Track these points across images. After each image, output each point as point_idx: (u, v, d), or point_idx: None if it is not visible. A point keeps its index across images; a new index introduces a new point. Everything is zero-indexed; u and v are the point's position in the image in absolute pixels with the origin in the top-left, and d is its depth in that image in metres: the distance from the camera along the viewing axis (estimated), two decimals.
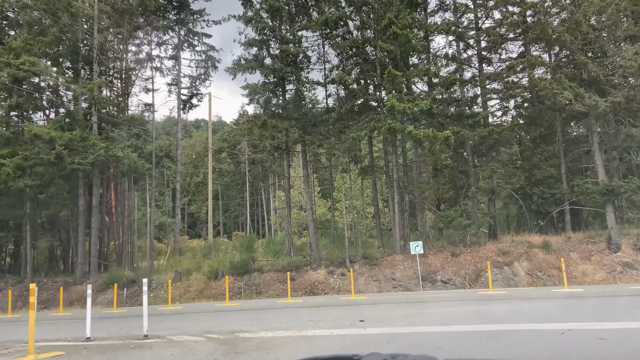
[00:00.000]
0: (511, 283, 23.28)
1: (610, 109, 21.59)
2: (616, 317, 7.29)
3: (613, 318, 7.10)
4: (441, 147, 24.03)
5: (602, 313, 7.88)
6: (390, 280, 23.71)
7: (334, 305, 12.87)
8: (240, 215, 63.80)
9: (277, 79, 24.44)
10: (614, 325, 6.50)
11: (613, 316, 7.33)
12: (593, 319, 7.07)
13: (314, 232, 25.27)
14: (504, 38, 25.36)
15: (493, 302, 11.71)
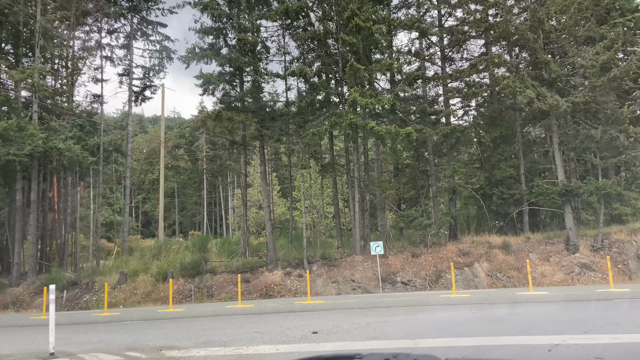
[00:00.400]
0: (471, 284, 22.72)
1: (571, 109, 21.32)
2: (601, 327, 6.34)
3: (598, 329, 6.15)
4: (403, 144, 23.22)
5: (584, 322, 6.96)
6: (349, 282, 22.70)
7: (287, 312, 11.65)
8: (197, 214, 61.59)
9: (233, 69, 22.98)
10: (604, 339, 5.57)
11: (597, 326, 6.39)
12: (577, 329, 6.13)
13: (271, 231, 23.97)
14: (467, 35, 24.84)
15: (459, 307, 10.80)
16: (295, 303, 14.25)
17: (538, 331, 6.34)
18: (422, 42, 27.58)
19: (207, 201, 57.72)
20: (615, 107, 21.40)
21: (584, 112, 22.58)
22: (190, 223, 62.83)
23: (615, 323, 6.84)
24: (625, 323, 6.88)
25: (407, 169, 31.15)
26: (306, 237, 26.68)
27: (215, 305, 17.71)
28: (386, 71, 22.84)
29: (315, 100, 23.49)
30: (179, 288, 24.36)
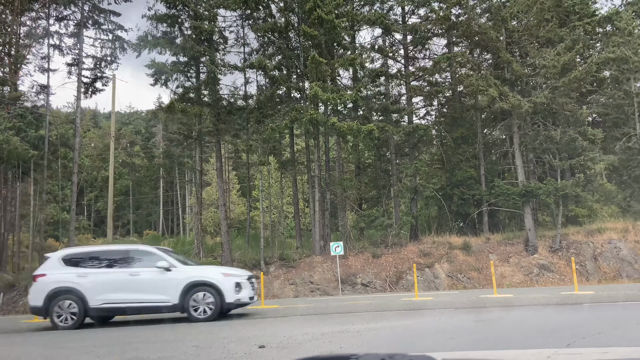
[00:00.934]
0: (432, 285, 22.15)
1: (532, 110, 21.08)
2: (583, 338, 5.55)
3: (581, 340, 5.35)
4: (365, 142, 22.47)
5: (562, 332, 6.18)
6: (307, 284, 21.69)
7: (236, 319, 10.50)
8: (153, 213, 59.18)
9: (188, 58, 21.56)
10: (593, 354, 4.74)
11: (578, 337, 5.59)
12: (558, 342, 5.35)
13: (227, 230, 22.69)
14: (431, 33, 24.33)
15: (422, 313, 9.98)
16: (248, 308, 13.13)
17: (515, 344, 5.49)
18: (385, 40, 26.95)
19: (163, 200, 55.49)
20: (575, 108, 21.30)
21: (545, 113, 22.43)
22: (145, 222, 60.32)
23: (597, 333, 6.08)
24: (608, 333, 6.14)
25: (368, 169, 30.47)
26: (264, 237, 25.49)
27: None
28: (349, 66, 22.00)
29: (275, 95, 22.38)
30: None
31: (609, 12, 24.99)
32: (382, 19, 22.67)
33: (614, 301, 10.12)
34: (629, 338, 6.01)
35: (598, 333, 6.21)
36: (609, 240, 22.08)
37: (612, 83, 23.44)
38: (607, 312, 8.84)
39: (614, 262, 21.32)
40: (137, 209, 59.23)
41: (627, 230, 22.35)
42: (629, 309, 9.32)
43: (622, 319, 7.74)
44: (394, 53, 25.52)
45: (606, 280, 20.60)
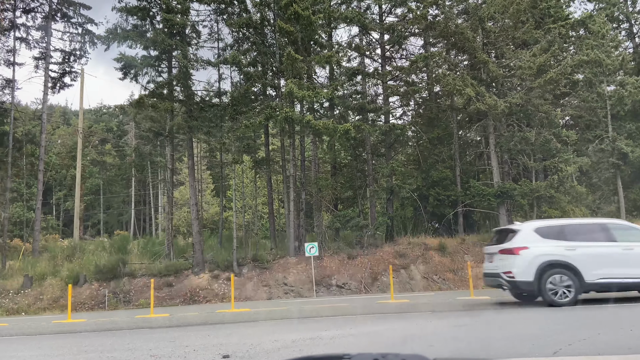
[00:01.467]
0: (407, 287, 21.83)
1: (508, 111, 21.00)
2: (569, 345, 5.18)
3: (567, 348, 4.98)
4: (341, 141, 22.00)
5: (545, 338, 5.80)
6: (281, 285, 21.10)
7: (202, 324, 9.88)
8: (124, 213, 57.56)
9: (159, 52, 20.73)
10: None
11: (564, 343, 5.22)
12: (544, 349, 4.95)
13: (198, 231, 21.92)
14: (408, 32, 24.07)
15: (399, 316, 9.53)
16: (217, 312, 12.49)
17: (500, 352, 5.06)
18: (362, 39, 26.60)
19: (135, 199, 54.01)
20: (550, 110, 21.30)
21: (520, 114, 22.41)
22: (117, 222, 58.64)
23: (583, 339, 5.71)
24: (593, 339, 5.78)
25: (344, 169, 30.06)
26: (238, 238, 24.79)
27: (127, 313, 15.52)
28: (325, 64, 21.51)
29: (250, 92, 21.73)
30: (92, 293, 21.74)
31: (582, 16, 25.18)
32: (359, 16, 22.29)
33: (591, 303, 9.87)
34: (614, 344, 5.67)
35: (584, 339, 5.85)
36: None
37: (586, 86, 23.59)
38: (588, 315, 8.56)
39: None
40: (108, 208, 57.56)
41: None
42: (607, 311, 9.07)
43: (604, 323, 7.44)
44: (371, 52, 25.18)
45: None
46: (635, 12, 28.70)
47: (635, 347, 5.37)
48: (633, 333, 6.34)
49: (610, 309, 9.08)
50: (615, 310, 9.04)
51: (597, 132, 23.95)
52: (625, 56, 24.48)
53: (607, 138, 22.56)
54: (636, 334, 6.32)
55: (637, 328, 6.77)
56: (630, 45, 28.95)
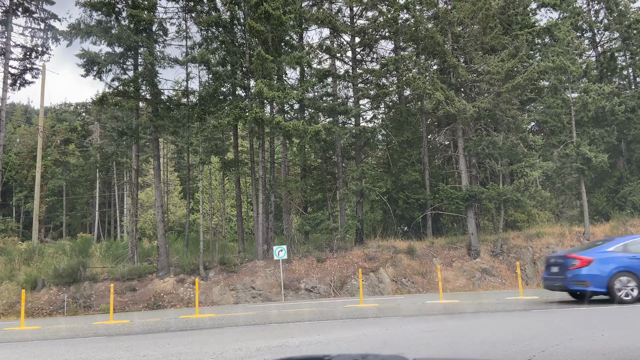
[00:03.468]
0: (376, 290, 21.67)
1: (476, 115, 21.13)
2: (553, 350, 4.99)
3: (548, 354, 4.78)
4: (311, 143, 21.68)
5: (520, 344, 5.60)
6: (249, 289, 20.59)
7: (164, 331, 9.35)
8: (88, 215, 55.64)
9: (124, 48, 19.96)
10: None
11: (537, 350, 5.03)
12: (520, 355, 4.70)
13: (164, 233, 21.18)
14: (379, 35, 24.00)
15: (369, 322, 9.24)
16: (180, 317, 11.94)
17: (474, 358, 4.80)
18: (333, 42, 26.43)
19: (100, 201, 52.27)
20: (517, 114, 21.55)
21: (488, 119, 22.59)
22: (80, 225, 56.63)
23: (555, 345, 5.54)
24: (566, 345, 5.62)
25: (314, 171, 29.80)
26: (205, 241, 24.13)
27: (85, 319, 14.73)
28: (296, 65, 21.17)
29: (219, 91, 21.16)
30: (50, 298, 20.73)
31: (547, 24, 25.70)
32: (330, 17, 22.07)
33: (561, 307, 9.83)
34: (587, 350, 5.51)
35: (557, 344, 5.67)
36: (547, 245, 22.48)
37: (551, 92, 24.01)
38: (558, 319, 8.46)
39: None
40: (71, 210, 55.52)
41: (563, 235, 22.85)
42: (578, 315, 9.02)
43: (575, 328, 7.33)
44: (342, 54, 25.00)
45: None
46: (598, 21, 29.47)
47: (609, 352, 5.22)
48: (605, 337, 6.22)
49: (583, 313, 9.05)
50: (588, 313, 9.00)
51: (561, 137, 24.37)
52: (589, 63, 25.07)
53: (571, 143, 22.98)
54: (608, 338, 6.20)
55: (608, 331, 6.67)
56: (593, 54, 29.71)
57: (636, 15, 26.81)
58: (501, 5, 21.43)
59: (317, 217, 23.99)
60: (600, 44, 30.39)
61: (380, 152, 30.17)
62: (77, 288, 20.84)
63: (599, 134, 24.64)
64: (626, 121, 26.98)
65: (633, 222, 23.21)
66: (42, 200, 51.99)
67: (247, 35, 21.83)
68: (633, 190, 25.21)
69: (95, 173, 47.81)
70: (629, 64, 28.95)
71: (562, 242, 22.54)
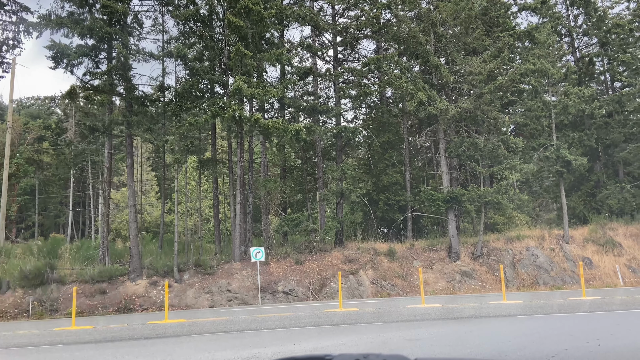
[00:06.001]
0: (356, 293, 21.09)
1: (458, 116, 20.78)
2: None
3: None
4: (291, 143, 21.03)
5: (515, 353, 5.05)
6: (225, 292, 19.79)
7: (128, 339, 8.59)
8: (62, 215, 53.89)
9: (97, 40, 19.00)
10: None
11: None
12: None
13: (136, 234, 20.25)
14: (362, 34, 23.51)
15: (348, 328, 8.63)
16: (147, 323, 11.14)
17: None
18: (315, 40, 25.85)
19: (74, 200, 50.58)
20: (498, 116, 21.27)
21: (470, 120, 22.27)
22: (53, 225, 54.83)
23: (551, 357, 4.98)
24: (562, 355, 5.06)
25: (294, 171, 29.14)
26: (180, 242, 23.26)
27: (48, 324, 13.78)
28: (276, 62, 20.48)
29: (196, 87, 20.33)
30: (15, 301, 19.62)
31: (528, 27, 25.53)
32: (311, 14, 21.48)
33: (548, 312, 9.38)
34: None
35: (552, 357, 5.14)
36: (527, 248, 22.24)
37: (531, 94, 23.84)
38: (547, 327, 7.97)
39: (531, 269, 21.44)
40: (44, 210, 53.71)
41: (543, 237, 22.65)
42: (567, 321, 8.57)
43: (569, 337, 6.83)
44: (323, 52, 24.41)
45: (524, 287, 20.60)
46: (577, 26, 29.54)
47: None
48: (602, 348, 5.73)
49: (572, 320, 8.60)
50: (580, 321, 8.55)
51: (540, 140, 24.21)
52: (570, 66, 24.99)
53: (551, 146, 22.81)
54: (604, 349, 5.72)
55: (604, 341, 6.19)
56: (572, 59, 29.77)
57: (615, 20, 26.91)
58: (484, 6, 21.15)
59: (296, 218, 23.32)
60: (579, 49, 30.49)
61: (361, 153, 29.67)
62: (43, 291, 19.79)
63: (578, 137, 24.58)
64: (604, 125, 27.05)
65: (611, 226, 23.16)
66: (13, 199, 50.10)
67: (226, 31, 21.09)
68: (611, 194, 25.21)
69: (69, 171, 46.23)
70: (606, 70, 29.07)
71: (542, 245, 22.34)
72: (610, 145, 27.28)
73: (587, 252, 21.95)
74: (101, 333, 9.82)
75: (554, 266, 21.35)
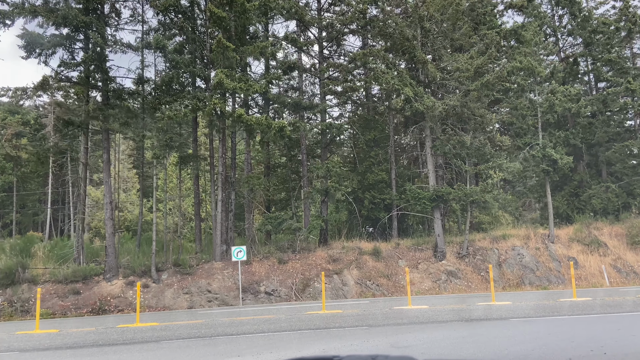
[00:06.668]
0: (340, 293, 20.47)
1: (445, 113, 20.29)
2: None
3: None
4: (275, 139, 20.31)
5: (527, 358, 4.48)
6: (205, 293, 19.00)
7: (91, 345, 7.82)
8: (40, 212, 52.33)
9: (71, 29, 18.04)
10: None
11: None
12: None
13: (113, 232, 19.34)
14: (348, 28, 22.91)
15: (331, 334, 7.99)
16: (117, 327, 10.34)
17: None
18: (300, 36, 25.16)
19: (53, 198, 49.11)
20: (485, 113, 20.83)
21: (456, 118, 21.81)
22: (32, 222, 53.28)
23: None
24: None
25: (279, 169, 28.41)
26: (158, 240, 22.38)
27: (11, 327, 12.85)
28: (260, 55, 19.76)
29: (176, 80, 19.50)
30: None
31: (514, 26, 25.19)
32: (296, 7, 20.80)
33: (541, 315, 8.86)
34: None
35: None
36: (513, 247, 21.86)
37: (518, 93, 23.49)
38: (545, 332, 7.41)
39: (517, 268, 21.06)
40: (22, 207, 52.11)
41: (528, 237, 22.30)
42: (564, 326, 8.03)
43: (571, 344, 6.27)
44: (308, 47, 23.72)
45: (510, 287, 20.20)
46: (562, 26, 29.34)
47: None
48: (608, 357, 5.17)
49: (569, 324, 8.07)
50: (578, 326, 8.02)
51: (526, 139, 23.89)
52: (556, 65, 24.72)
53: (537, 145, 22.47)
54: (611, 358, 5.15)
55: (609, 349, 5.63)
56: (557, 59, 29.56)
57: (600, 19, 26.73)
58: (471, 1, 20.70)
59: (279, 216, 22.62)
60: (564, 49, 30.32)
61: (346, 151, 29.07)
62: (14, 291, 18.80)
63: (564, 135, 24.30)
64: (588, 125, 26.86)
65: (597, 225, 22.93)
66: None
67: (209, 23, 20.27)
68: (595, 194, 25.00)
69: (48, 168, 44.80)
70: (590, 70, 28.93)
71: (528, 245, 21.98)
72: (595, 145, 27.11)
73: (573, 251, 21.65)
74: (64, 338, 9.02)
75: (540, 266, 21.00)
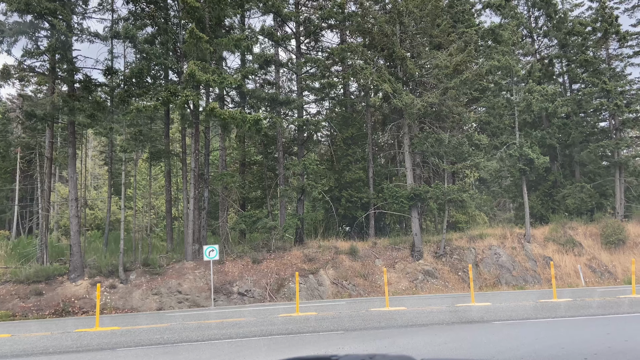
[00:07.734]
0: (315, 294, 19.85)
1: (423, 111, 19.89)
2: None
3: None
4: (250, 132, 19.57)
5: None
6: (175, 294, 18.13)
7: (40, 353, 7.03)
8: (7, 210, 50.14)
9: (35, 17, 16.95)
10: None
11: None
12: None
13: (78, 230, 18.28)
14: (326, 23, 22.31)
15: (305, 339, 7.37)
16: (74, 331, 9.49)
17: None
18: (277, 30, 24.45)
19: (20, 195, 47.11)
20: (463, 111, 20.52)
21: (434, 115, 21.45)
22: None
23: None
24: None
25: (254, 166, 27.63)
26: (128, 239, 21.40)
27: None
28: (235, 48, 18.96)
29: (146, 72, 18.56)
30: None
31: (491, 25, 25.02)
32: (273, 0, 20.09)
33: (523, 317, 8.42)
34: None
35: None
36: (490, 246, 21.62)
37: (495, 91, 23.30)
38: (532, 337, 6.93)
39: (494, 268, 20.81)
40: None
41: (505, 236, 22.10)
42: (551, 329, 7.58)
43: (562, 351, 5.80)
44: (285, 42, 23.03)
45: (487, 287, 19.92)
46: (537, 27, 29.37)
47: None
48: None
49: (555, 327, 7.63)
50: (564, 328, 7.59)
51: (502, 138, 23.73)
52: (534, 64, 24.63)
53: (513, 144, 22.30)
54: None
55: (603, 356, 5.16)
56: (532, 59, 29.57)
57: (576, 21, 26.80)
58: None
59: (255, 214, 21.88)
60: (539, 50, 30.38)
61: (323, 149, 28.46)
62: None
63: (541, 135, 24.22)
64: (562, 126, 26.90)
65: (571, 225, 22.89)
66: None
67: (182, 14, 19.39)
68: (570, 194, 25.01)
69: (16, 164, 42.90)
70: (565, 71, 29.03)
71: (504, 244, 21.78)
72: (569, 146, 27.17)
73: (548, 251, 21.53)
74: (13, 344, 8.15)
75: (516, 265, 20.80)
